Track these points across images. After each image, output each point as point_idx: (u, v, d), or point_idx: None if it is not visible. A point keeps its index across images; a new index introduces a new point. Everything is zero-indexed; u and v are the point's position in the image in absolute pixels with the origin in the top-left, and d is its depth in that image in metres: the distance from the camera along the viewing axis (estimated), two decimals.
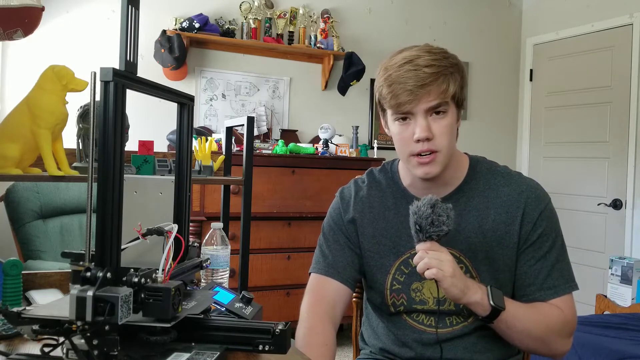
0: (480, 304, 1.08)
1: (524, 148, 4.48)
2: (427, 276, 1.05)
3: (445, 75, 1.11)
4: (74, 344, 0.74)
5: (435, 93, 1.10)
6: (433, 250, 1.05)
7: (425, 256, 1.05)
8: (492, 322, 1.10)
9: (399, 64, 1.11)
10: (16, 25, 1.34)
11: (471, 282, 1.09)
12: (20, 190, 2.84)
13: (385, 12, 4.09)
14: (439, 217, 1.03)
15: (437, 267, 1.04)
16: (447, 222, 1.04)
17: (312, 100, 3.88)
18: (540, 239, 1.17)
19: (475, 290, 1.08)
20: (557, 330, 1.15)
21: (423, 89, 1.09)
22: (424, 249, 1.06)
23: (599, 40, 3.90)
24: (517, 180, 1.22)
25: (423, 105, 1.11)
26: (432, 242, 1.06)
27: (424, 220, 1.03)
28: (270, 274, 3.13)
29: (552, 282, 1.16)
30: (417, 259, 1.07)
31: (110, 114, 0.76)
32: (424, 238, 1.05)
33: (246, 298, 1.17)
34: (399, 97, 1.10)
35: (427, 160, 1.13)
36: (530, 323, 1.12)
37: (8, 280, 1.20)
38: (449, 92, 1.12)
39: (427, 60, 1.10)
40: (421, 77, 1.09)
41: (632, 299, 2.72)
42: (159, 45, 3.28)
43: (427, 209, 1.03)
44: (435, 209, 1.03)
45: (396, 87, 1.10)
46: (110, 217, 0.76)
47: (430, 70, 1.09)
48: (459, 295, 1.06)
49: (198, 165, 1.71)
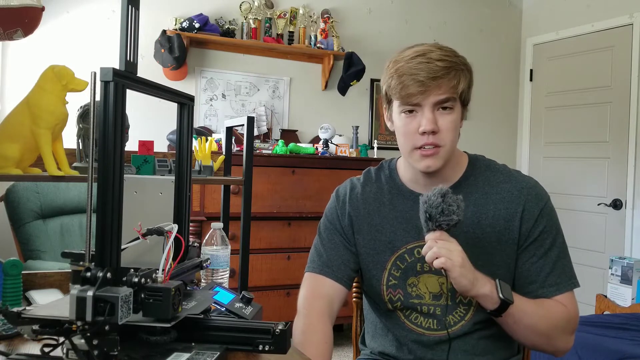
0: (490, 297, 1.08)
1: (524, 148, 4.48)
2: (436, 265, 1.04)
3: (456, 70, 1.12)
4: (74, 344, 0.73)
5: (446, 87, 1.11)
6: (442, 239, 1.05)
7: (435, 245, 1.04)
8: (500, 315, 1.09)
9: (411, 57, 1.12)
10: (16, 25, 1.34)
11: (480, 275, 1.08)
12: (20, 190, 2.84)
13: (385, 12, 4.09)
14: (449, 207, 1.03)
15: (446, 257, 1.03)
16: (458, 211, 1.03)
17: (312, 100, 3.88)
18: (542, 236, 1.18)
19: (484, 283, 1.08)
20: (561, 327, 1.15)
21: (435, 82, 1.10)
22: (433, 238, 1.05)
23: (599, 40, 3.90)
24: (516, 177, 1.23)
25: (432, 98, 1.11)
26: (442, 232, 1.05)
27: (434, 209, 1.03)
28: (270, 274, 3.13)
29: (555, 279, 1.17)
30: (426, 249, 1.06)
31: (110, 114, 0.76)
32: (434, 227, 1.05)
33: (246, 298, 1.17)
34: (409, 87, 1.11)
35: (430, 152, 1.14)
36: (537, 318, 1.12)
37: (8, 280, 1.20)
38: (458, 88, 1.13)
39: (439, 54, 1.11)
40: (433, 69, 1.10)
41: (632, 299, 2.72)
42: (159, 45, 3.28)
43: (437, 198, 1.03)
44: (445, 199, 1.03)
45: (407, 78, 1.11)
46: (110, 217, 0.76)
47: (443, 64, 1.10)
48: (468, 286, 1.06)
49: (198, 165, 1.71)
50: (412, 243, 1.21)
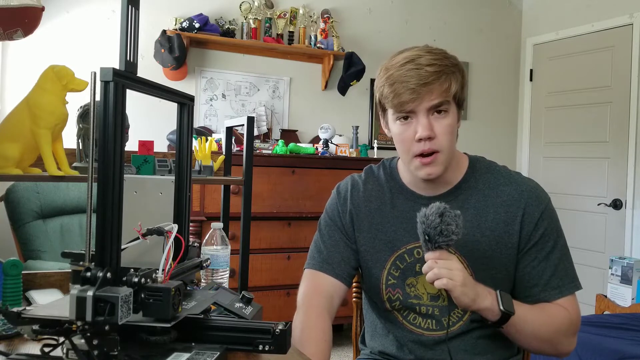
0: (490, 310, 1.08)
1: (524, 148, 4.48)
2: (437, 286, 1.04)
3: (447, 74, 1.11)
4: (74, 344, 0.74)
5: (438, 91, 1.11)
6: (442, 259, 1.05)
7: (435, 266, 1.04)
8: (501, 326, 1.10)
9: (401, 64, 1.12)
10: (16, 25, 1.34)
11: (481, 288, 1.08)
12: (20, 190, 2.84)
13: (385, 12, 4.09)
14: (447, 227, 1.01)
15: (447, 277, 1.03)
16: (456, 230, 1.02)
17: (312, 100, 3.88)
18: (543, 239, 1.17)
19: (485, 296, 1.08)
20: (564, 331, 1.15)
21: (425, 87, 1.09)
22: (433, 259, 1.05)
23: (599, 40, 3.90)
24: (517, 179, 1.22)
25: (425, 103, 1.11)
26: (441, 251, 1.05)
27: (433, 230, 1.02)
28: (270, 274, 3.13)
29: (557, 282, 1.16)
30: (426, 269, 1.06)
31: (110, 114, 0.76)
32: (433, 248, 1.04)
33: (246, 298, 1.17)
34: (401, 96, 1.10)
35: (428, 160, 1.13)
36: (539, 325, 1.12)
37: (8, 280, 1.20)
38: (450, 91, 1.12)
39: (429, 59, 1.11)
40: (423, 75, 1.09)
41: (632, 299, 2.72)
42: (159, 45, 3.28)
43: (435, 218, 1.02)
44: (444, 218, 1.02)
45: (398, 86, 1.10)
46: (110, 217, 0.76)
47: (432, 69, 1.10)
48: (469, 303, 1.06)
49: (198, 165, 1.71)
50: (412, 243, 1.21)
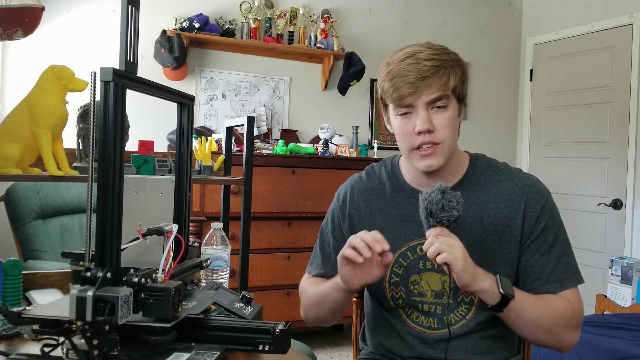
0: (490, 292, 1.08)
1: (524, 148, 4.48)
2: (439, 261, 1.04)
3: (445, 68, 1.13)
4: (74, 344, 0.74)
5: (436, 85, 1.12)
6: (443, 235, 1.05)
7: (436, 241, 1.05)
8: (501, 310, 1.09)
9: (400, 59, 1.14)
10: (16, 25, 1.34)
11: (481, 270, 1.09)
12: (20, 190, 2.84)
13: (385, 12, 4.09)
14: (449, 202, 1.04)
15: (448, 252, 1.03)
16: (457, 207, 1.04)
17: (312, 100, 3.88)
18: (544, 233, 1.18)
19: (485, 278, 1.08)
20: (565, 322, 1.15)
21: (424, 81, 1.11)
22: (434, 234, 1.06)
23: (599, 40, 3.90)
24: (517, 175, 1.24)
25: (424, 97, 1.12)
26: (442, 228, 1.06)
27: (435, 205, 1.04)
28: (270, 274, 3.12)
29: (559, 275, 1.17)
30: (427, 245, 1.07)
31: (110, 114, 0.76)
32: (434, 223, 1.06)
33: (246, 298, 1.17)
34: (400, 90, 1.12)
35: (428, 152, 1.15)
36: (539, 313, 1.12)
37: (8, 280, 1.20)
38: (449, 85, 1.13)
39: (428, 54, 1.13)
40: (422, 69, 1.11)
41: (632, 299, 2.72)
42: (159, 45, 3.28)
43: (437, 194, 1.04)
44: (445, 195, 1.04)
45: (397, 80, 1.12)
46: (110, 217, 0.76)
47: (431, 63, 1.11)
48: (470, 281, 1.06)
49: (198, 165, 1.71)
50: (415, 241, 1.21)
